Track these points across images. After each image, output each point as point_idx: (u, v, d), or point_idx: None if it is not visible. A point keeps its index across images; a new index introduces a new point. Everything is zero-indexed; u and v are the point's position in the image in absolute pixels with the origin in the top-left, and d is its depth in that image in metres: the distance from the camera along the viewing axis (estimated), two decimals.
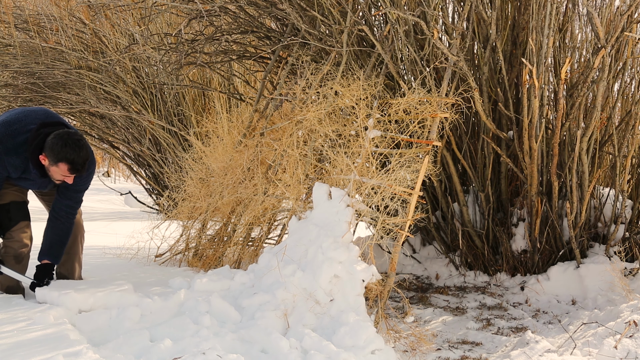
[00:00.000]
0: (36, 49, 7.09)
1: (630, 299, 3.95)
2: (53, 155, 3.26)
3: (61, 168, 3.28)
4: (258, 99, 4.84)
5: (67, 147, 3.25)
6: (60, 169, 3.29)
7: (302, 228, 3.52)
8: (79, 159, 3.27)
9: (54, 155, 3.25)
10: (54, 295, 3.25)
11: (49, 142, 3.27)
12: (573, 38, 4.71)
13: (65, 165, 3.27)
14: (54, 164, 3.28)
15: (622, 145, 4.65)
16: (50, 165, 3.30)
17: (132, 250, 4.88)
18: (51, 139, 3.26)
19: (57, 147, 3.24)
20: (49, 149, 3.26)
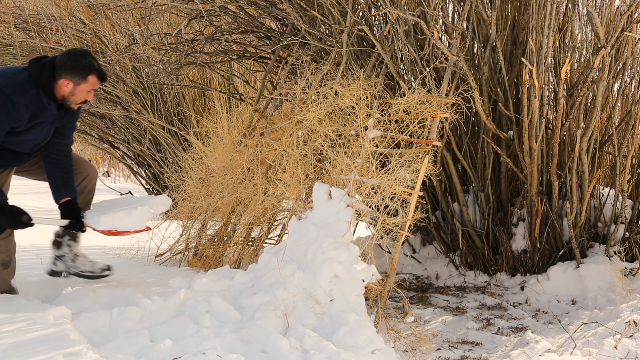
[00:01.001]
0: (36, 49, 7.09)
1: (630, 299, 3.95)
2: (79, 71, 3.19)
3: (90, 81, 3.22)
4: (258, 99, 4.84)
5: (89, 58, 3.21)
6: (90, 83, 3.22)
7: (302, 228, 3.52)
8: (101, 66, 3.25)
9: (81, 71, 3.19)
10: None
11: (67, 64, 3.18)
12: (573, 38, 4.71)
13: (94, 77, 3.22)
14: (82, 80, 3.20)
15: (622, 145, 4.65)
16: (76, 85, 3.20)
17: (132, 250, 4.88)
18: (67, 60, 3.19)
19: (80, 63, 3.19)
20: (71, 68, 3.18)
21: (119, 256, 4.78)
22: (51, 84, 3.19)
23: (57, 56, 3.23)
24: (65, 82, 3.20)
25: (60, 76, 3.19)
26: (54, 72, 3.19)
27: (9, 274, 3.48)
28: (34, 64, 3.20)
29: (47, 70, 3.17)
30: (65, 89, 3.21)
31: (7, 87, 3.09)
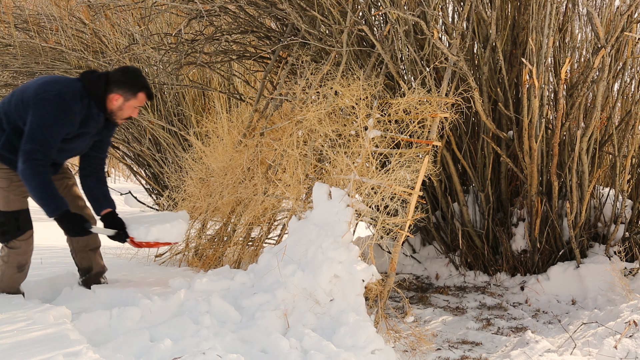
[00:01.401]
0: (36, 49, 7.09)
1: (630, 299, 3.95)
2: (131, 87, 3.36)
3: (139, 98, 3.40)
4: (258, 99, 4.84)
5: (141, 77, 3.38)
6: (139, 100, 3.40)
7: (302, 228, 3.52)
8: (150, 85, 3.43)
9: (133, 87, 3.36)
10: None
11: (120, 79, 3.35)
12: (573, 38, 4.71)
13: (143, 94, 3.39)
14: (132, 97, 3.37)
15: (622, 145, 4.65)
16: (125, 101, 3.37)
17: (132, 250, 4.88)
18: (121, 76, 3.36)
19: (132, 80, 3.35)
20: (124, 84, 3.35)
21: (119, 256, 4.78)
22: (104, 97, 3.35)
23: (111, 71, 3.41)
24: (116, 96, 3.36)
25: (112, 90, 3.35)
26: (107, 86, 3.35)
27: (22, 277, 3.52)
28: (88, 76, 3.36)
29: (101, 82, 3.34)
30: (114, 103, 3.38)
31: (67, 94, 3.25)
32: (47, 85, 3.27)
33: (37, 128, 3.18)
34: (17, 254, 3.43)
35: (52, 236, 3.73)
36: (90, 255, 3.76)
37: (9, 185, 3.36)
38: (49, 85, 3.27)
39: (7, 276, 3.45)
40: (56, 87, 3.26)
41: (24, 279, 3.55)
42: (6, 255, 3.44)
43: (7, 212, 3.38)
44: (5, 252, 3.45)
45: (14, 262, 3.44)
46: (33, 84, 3.34)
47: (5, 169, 3.36)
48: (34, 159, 3.17)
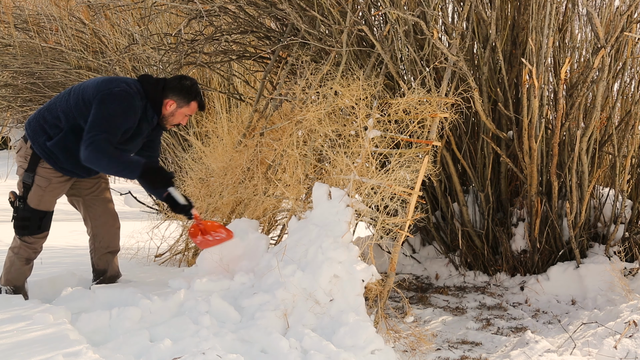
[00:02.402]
0: (36, 49, 7.09)
1: (630, 299, 3.95)
2: (186, 96, 3.49)
3: (192, 107, 3.53)
4: (258, 99, 4.84)
5: (196, 87, 3.50)
6: (191, 108, 3.53)
7: (302, 228, 3.52)
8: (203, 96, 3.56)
9: (188, 96, 3.49)
10: None
11: (176, 86, 3.47)
12: (573, 38, 4.70)
13: (196, 104, 3.53)
14: (185, 105, 3.50)
15: (621, 145, 4.65)
16: (178, 108, 3.50)
17: (132, 250, 4.88)
18: (178, 84, 3.48)
19: (186, 88, 3.48)
20: (179, 91, 3.47)
21: (119, 256, 4.78)
22: (161, 100, 3.47)
23: (168, 78, 3.54)
24: (170, 102, 3.49)
25: (167, 96, 3.48)
26: (163, 91, 3.47)
27: (28, 271, 3.59)
28: (148, 79, 3.48)
29: (159, 86, 3.47)
30: (167, 109, 3.50)
31: (131, 89, 3.37)
32: (110, 82, 3.38)
33: (101, 119, 3.27)
34: (28, 248, 3.52)
35: (52, 236, 3.74)
36: (109, 257, 3.84)
37: (48, 185, 3.45)
38: (112, 82, 3.38)
39: (16, 267, 3.53)
40: (121, 84, 3.37)
41: (29, 274, 3.61)
42: (17, 247, 3.52)
43: (35, 210, 3.46)
44: (17, 243, 3.53)
45: (24, 254, 3.52)
46: (92, 82, 3.44)
47: (49, 168, 3.45)
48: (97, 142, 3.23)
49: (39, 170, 3.44)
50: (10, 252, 3.54)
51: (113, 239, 3.82)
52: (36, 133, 3.42)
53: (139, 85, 3.43)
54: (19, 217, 3.46)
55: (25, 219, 3.45)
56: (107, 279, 3.84)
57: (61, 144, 3.37)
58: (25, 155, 3.47)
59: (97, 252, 3.81)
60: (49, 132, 3.40)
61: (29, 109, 7.77)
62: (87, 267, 4.06)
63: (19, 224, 3.47)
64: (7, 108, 7.96)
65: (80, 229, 4.88)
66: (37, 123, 3.43)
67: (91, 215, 3.77)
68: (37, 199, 3.45)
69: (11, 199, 3.47)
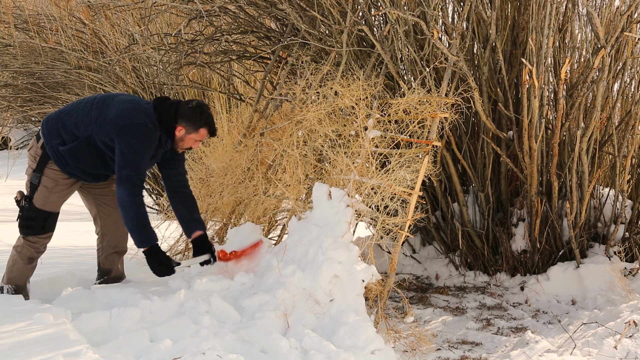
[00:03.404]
0: (36, 49, 7.09)
1: (630, 299, 3.95)
2: (195, 122, 3.48)
3: (201, 133, 3.52)
4: (258, 99, 4.83)
5: (205, 114, 3.50)
6: (200, 134, 3.52)
7: (302, 228, 3.52)
8: (214, 123, 3.56)
9: (197, 122, 3.48)
10: None
11: (187, 112, 3.47)
12: (573, 38, 4.70)
13: (205, 130, 3.52)
14: (194, 131, 3.49)
15: (622, 145, 4.65)
16: (187, 134, 3.49)
17: (132, 250, 4.87)
18: (188, 110, 3.48)
19: (197, 115, 3.48)
20: (188, 118, 3.47)
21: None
22: (173, 126, 3.48)
23: (181, 102, 3.53)
24: (180, 127, 3.49)
25: (177, 121, 3.48)
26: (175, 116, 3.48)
27: (30, 271, 3.61)
28: (162, 104, 3.49)
29: (172, 112, 3.47)
30: (177, 134, 3.51)
31: (151, 122, 3.41)
32: (130, 112, 3.38)
33: (128, 154, 3.31)
34: (31, 247, 3.54)
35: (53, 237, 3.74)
36: (115, 258, 3.86)
37: (54, 186, 3.47)
38: (132, 112, 3.38)
39: (18, 267, 3.54)
40: (140, 116, 3.37)
41: (31, 274, 3.62)
42: (20, 246, 3.54)
43: (41, 210, 3.48)
44: (20, 242, 3.55)
45: (26, 253, 3.53)
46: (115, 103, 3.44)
47: (57, 170, 3.49)
48: (134, 184, 3.33)
49: (46, 171, 3.46)
50: (14, 251, 3.56)
51: (121, 239, 3.84)
52: (51, 134, 3.45)
53: (155, 114, 3.44)
54: (23, 217, 3.48)
55: (29, 219, 3.47)
56: (111, 279, 3.85)
57: (73, 152, 3.42)
58: (35, 155, 3.50)
59: (104, 251, 3.82)
60: (63, 137, 3.44)
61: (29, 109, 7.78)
62: (87, 267, 4.06)
63: (23, 223, 3.49)
64: (7, 108, 7.96)
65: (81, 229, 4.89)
66: (55, 125, 3.46)
67: (102, 213, 3.80)
68: (43, 199, 3.47)
69: (17, 198, 3.49)
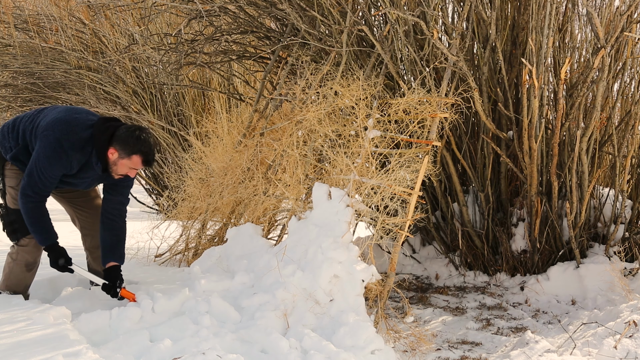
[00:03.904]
0: (36, 49, 7.09)
1: (630, 299, 3.95)
2: (127, 148, 3.29)
3: (134, 161, 3.32)
4: (258, 99, 4.83)
5: (141, 141, 3.29)
6: (133, 162, 3.32)
7: (302, 228, 3.52)
8: (152, 152, 3.35)
9: (129, 148, 3.29)
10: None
11: (121, 136, 3.30)
12: (573, 38, 4.70)
13: (139, 158, 3.31)
14: (126, 157, 3.30)
15: (621, 145, 4.65)
16: (119, 158, 3.31)
17: (132, 250, 4.88)
18: (124, 133, 3.30)
19: (131, 140, 3.28)
20: (122, 142, 3.29)
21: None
22: (105, 148, 3.32)
23: (123, 125, 3.37)
24: (113, 150, 3.32)
25: (112, 144, 3.32)
26: (111, 138, 3.32)
27: (30, 278, 3.54)
28: (100, 125, 3.34)
29: (107, 134, 3.31)
30: (111, 157, 3.34)
31: (67, 141, 3.25)
32: (56, 124, 3.28)
33: (34, 166, 3.24)
34: (26, 252, 3.46)
35: None
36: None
37: (18, 183, 3.40)
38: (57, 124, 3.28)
39: (15, 274, 3.48)
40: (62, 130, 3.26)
41: (31, 280, 3.56)
42: (15, 253, 3.48)
43: (17, 210, 3.41)
44: (14, 249, 3.49)
45: (23, 260, 3.47)
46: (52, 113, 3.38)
47: (15, 169, 3.44)
48: (27, 195, 3.24)
49: (6, 172, 3.45)
50: (9, 258, 3.49)
51: None
52: (4, 138, 3.45)
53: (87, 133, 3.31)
54: (5, 223, 3.44)
55: (12, 222, 3.42)
56: None
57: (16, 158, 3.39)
58: None
59: (90, 252, 3.76)
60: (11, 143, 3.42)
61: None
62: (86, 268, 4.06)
63: (9, 229, 3.45)
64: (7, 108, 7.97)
65: None
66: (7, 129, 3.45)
67: (79, 216, 3.74)
68: (12, 198, 3.43)
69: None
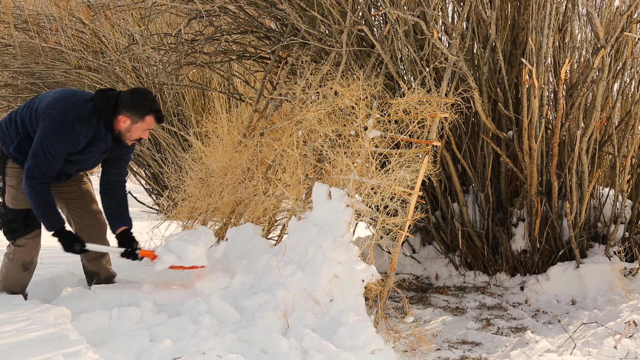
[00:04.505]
0: (36, 49, 7.09)
1: (630, 299, 3.95)
2: (138, 111, 3.31)
3: (147, 122, 3.35)
4: (258, 99, 4.83)
5: (149, 100, 3.33)
6: (147, 123, 3.36)
7: (302, 228, 3.52)
8: (161, 109, 3.39)
9: (140, 111, 3.31)
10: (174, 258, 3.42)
11: (128, 101, 3.31)
12: (573, 38, 4.70)
13: (152, 117, 3.35)
14: (140, 120, 3.33)
15: (621, 145, 4.65)
16: (132, 123, 3.34)
17: None
18: (129, 98, 3.32)
19: (140, 103, 3.31)
20: (131, 107, 3.31)
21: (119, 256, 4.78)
22: (112, 118, 3.33)
23: (122, 92, 3.37)
24: (124, 118, 3.34)
25: (120, 112, 3.33)
26: (116, 107, 3.32)
27: (27, 277, 3.55)
28: (100, 96, 3.34)
29: (110, 103, 3.31)
30: (122, 125, 3.35)
31: (73, 115, 3.24)
32: (56, 102, 3.28)
33: (39, 146, 3.22)
34: (22, 252, 3.47)
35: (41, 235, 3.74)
36: (97, 260, 3.81)
37: (19, 183, 3.40)
38: (58, 102, 3.28)
39: (12, 274, 3.48)
40: (65, 106, 3.25)
41: (29, 280, 3.56)
42: (12, 253, 3.48)
43: (16, 210, 3.43)
44: (11, 249, 3.49)
45: (19, 260, 3.47)
46: (49, 95, 3.37)
47: (17, 168, 3.43)
48: (33, 177, 3.22)
49: (7, 170, 3.44)
50: (6, 259, 3.50)
51: (99, 240, 3.72)
52: (4, 134, 3.43)
53: (89, 106, 3.30)
54: (3, 222, 3.44)
55: (10, 222, 3.43)
56: (103, 281, 3.81)
57: (19, 149, 3.37)
58: None
59: (85, 254, 3.75)
60: (11, 136, 3.40)
61: None
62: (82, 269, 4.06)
63: (6, 228, 3.45)
64: (7, 108, 7.96)
65: None
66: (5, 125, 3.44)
67: (74, 217, 3.72)
68: (12, 198, 3.42)
69: None
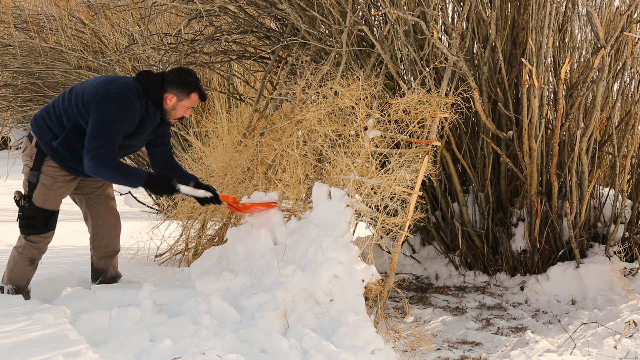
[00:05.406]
0: (36, 49, 7.09)
1: (630, 299, 3.95)
2: (185, 88, 3.44)
3: (192, 99, 3.49)
4: (258, 99, 4.83)
5: (194, 78, 3.47)
6: (192, 101, 3.49)
7: (302, 228, 3.52)
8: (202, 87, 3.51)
9: (187, 89, 3.44)
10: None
11: (174, 79, 3.43)
12: (573, 38, 4.70)
13: (196, 95, 3.49)
14: (185, 97, 3.46)
15: (621, 145, 4.65)
16: (178, 101, 3.46)
17: (132, 250, 4.88)
18: (176, 76, 3.44)
19: (186, 81, 3.44)
20: (178, 85, 3.43)
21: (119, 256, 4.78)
22: (160, 96, 3.43)
23: (166, 71, 3.48)
24: (170, 96, 3.45)
25: (166, 90, 3.44)
26: (162, 86, 3.43)
27: (31, 272, 3.59)
28: (146, 76, 3.44)
29: (158, 82, 3.42)
30: (168, 103, 3.46)
31: (129, 91, 3.33)
32: (107, 83, 3.35)
33: (100, 125, 3.25)
34: (33, 248, 3.51)
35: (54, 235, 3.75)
36: (108, 258, 3.84)
37: (52, 184, 3.44)
38: (109, 83, 3.35)
39: (19, 267, 3.52)
40: (117, 85, 3.33)
41: (32, 275, 3.60)
42: (22, 247, 3.51)
43: (41, 209, 3.45)
44: (22, 243, 3.52)
45: (28, 254, 3.51)
46: (92, 82, 3.41)
47: (54, 167, 3.44)
48: (100, 155, 3.23)
49: (44, 168, 3.43)
50: (15, 252, 3.53)
51: (113, 240, 3.80)
52: (42, 130, 3.42)
53: (137, 84, 3.39)
54: (24, 217, 3.45)
55: (30, 218, 3.44)
56: (107, 280, 3.83)
57: (65, 143, 3.36)
58: (30, 154, 3.46)
59: (97, 251, 3.79)
60: (54, 131, 3.40)
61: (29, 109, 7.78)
62: (87, 267, 4.06)
63: (24, 223, 3.46)
64: (7, 108, 7.97)
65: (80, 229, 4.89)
66: (43, 120, 3.43)
67: (92, 214, 3.76)
68: (42, 197, 3.44)
69: (16, 198, 3.46)
